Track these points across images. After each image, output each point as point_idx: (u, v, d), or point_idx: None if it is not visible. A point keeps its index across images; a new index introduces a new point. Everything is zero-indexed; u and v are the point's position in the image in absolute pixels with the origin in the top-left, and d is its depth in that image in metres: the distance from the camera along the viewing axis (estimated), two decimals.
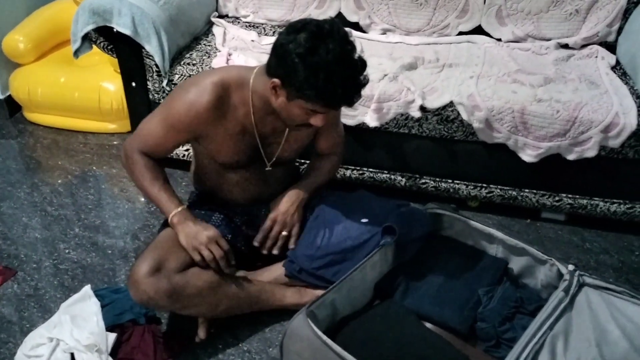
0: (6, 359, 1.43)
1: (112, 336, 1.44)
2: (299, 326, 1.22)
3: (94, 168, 2.22)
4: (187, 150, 2.05)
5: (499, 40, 2.13)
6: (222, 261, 1.38)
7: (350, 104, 1.27)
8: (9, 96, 2.48)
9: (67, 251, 1.79)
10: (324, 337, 1.17)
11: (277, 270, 1.53)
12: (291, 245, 1.51)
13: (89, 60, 2.26)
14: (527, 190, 1.86)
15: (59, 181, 2.14)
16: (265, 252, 1.53)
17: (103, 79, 2.31)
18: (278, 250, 1.52)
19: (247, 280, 1.49)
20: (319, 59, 1.17)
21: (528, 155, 1.76)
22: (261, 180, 1.54)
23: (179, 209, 1.40)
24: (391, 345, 1.28)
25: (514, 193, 1.88)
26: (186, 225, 1.38)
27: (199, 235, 1.37)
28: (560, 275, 1.39)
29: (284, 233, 1.51)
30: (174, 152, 2.06)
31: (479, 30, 2.14)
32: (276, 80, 1.25)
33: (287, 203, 1.52)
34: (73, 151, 2.32)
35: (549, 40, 2.10)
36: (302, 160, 1.91)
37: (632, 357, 1.19)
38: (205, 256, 1.37)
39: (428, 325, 1.38)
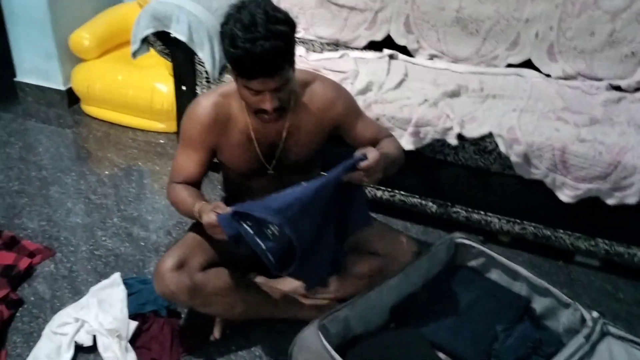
0: (34, 333, 1.52)
1: (134, 324, 1.50)
2: (309, 338, 1.23)
3: (139, 163, 2.32)
4: None
5: (548, 76, 2.09)
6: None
7: (263, 68, 1.18)
8: (70, 88, 2.64)
9: (103, 238, 1.88)
10: (333, 352, 1.18)
11: (296, 281, 1.54)
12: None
13: (145, 62, 2.37)
14: (561, 231, 1.81)
15: (105, 172, 2.25)
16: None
17: (157, 80, 2.42)
18: None
19: (266, 287, 1.52)
20: (227, 28, 1.18)
21: (565, 195, 1.71)
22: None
23: (204, 202, 1.39)
24: None
25: (548, 232, 1.83)
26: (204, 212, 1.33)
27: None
28: (583, 321, 1.34)
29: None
30: None
31: (528, 64, 2.11)
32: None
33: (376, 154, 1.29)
34: (122, 145, 2.44)
35: (600, 80, 2.05)
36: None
37: None
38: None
39: (441, 355, 1.36)
